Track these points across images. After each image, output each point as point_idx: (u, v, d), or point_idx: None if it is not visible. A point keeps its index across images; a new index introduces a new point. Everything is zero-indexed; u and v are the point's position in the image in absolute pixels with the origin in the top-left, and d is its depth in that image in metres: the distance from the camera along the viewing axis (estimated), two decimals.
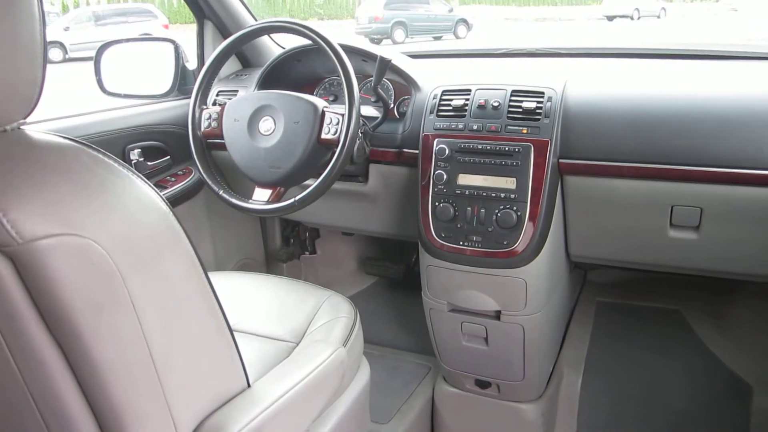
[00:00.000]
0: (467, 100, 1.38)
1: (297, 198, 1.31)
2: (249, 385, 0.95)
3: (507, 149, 1.31)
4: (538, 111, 1.31)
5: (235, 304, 1.32)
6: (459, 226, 1.35)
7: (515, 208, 1.30)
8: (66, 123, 1.52)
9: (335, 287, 1.47)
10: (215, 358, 0.88)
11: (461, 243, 1.35)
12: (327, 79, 1.74)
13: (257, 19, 1.78)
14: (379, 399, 1.65)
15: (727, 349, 1.77)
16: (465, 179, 1.35)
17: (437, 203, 1.36)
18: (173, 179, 1.75)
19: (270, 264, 2.18)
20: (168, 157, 1.74)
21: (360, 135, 1.35)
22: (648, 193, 1.30)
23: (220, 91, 1.73)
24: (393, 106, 1.62)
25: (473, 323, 1.45)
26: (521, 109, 1.32)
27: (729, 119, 1.22)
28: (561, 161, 1.32)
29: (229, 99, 1.50)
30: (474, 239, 1.33)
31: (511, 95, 1.35)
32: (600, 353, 1.79)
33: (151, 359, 0.74)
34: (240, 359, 0.92)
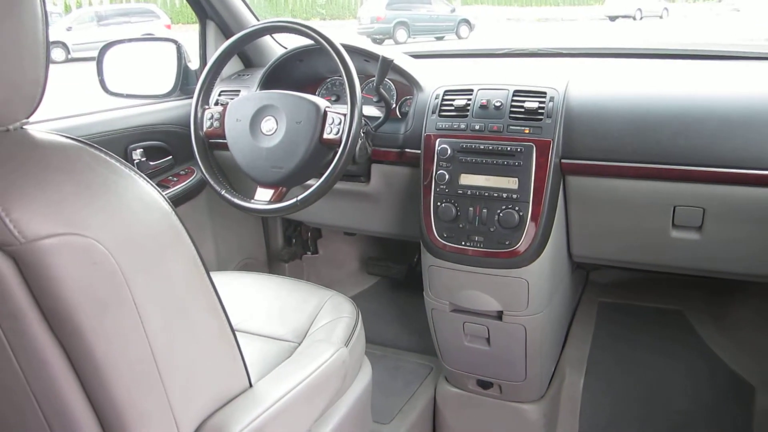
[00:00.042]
0: (469, 100, 1.38)
1: (299, 198, 1.31)
2: (251, 385, 0.95)
3: (509, 149, 1.31)
4: (540, 111, 1.31)
5: (237, 303, 1.32)
6: (461, 226, 1.35)
7: (517, 208, 1.30)
8: (69, 123, 1.52)
9: (337, 287, 1.47)
10: (217, 357, 0.88)
11: (463, 243, 1.35)
12: (329, 79, 1.74)
13: (259, 19, 1.78)
14: (381, 399, 1.65)
15: (730, 350, 1.76)
16: (467, 179, 1.34)
17: (439, 203, 1.36)
18: (175, 179, 1.75)
19: (272, 264, 2.18)
20: (170, 157, 1.75)
21: (362, 135, 1.36)
22: (650, 194, 1.30)
23: (222, 91, 1.73)
24: (395, 106, 1.62)
25: (475, 323, 1.45)
26: (523, 109, 1.32)
27: (731, 119, 1.21)
28: (563, 161, 1.32)
29: (232, 99, 1.50)
30: (476, 239, 1.33)
31: (513, 95, 1.35)
32: (602, 354, 1.78)
33: (153, 359, 0.74)
34: (242, 359, 0.93)
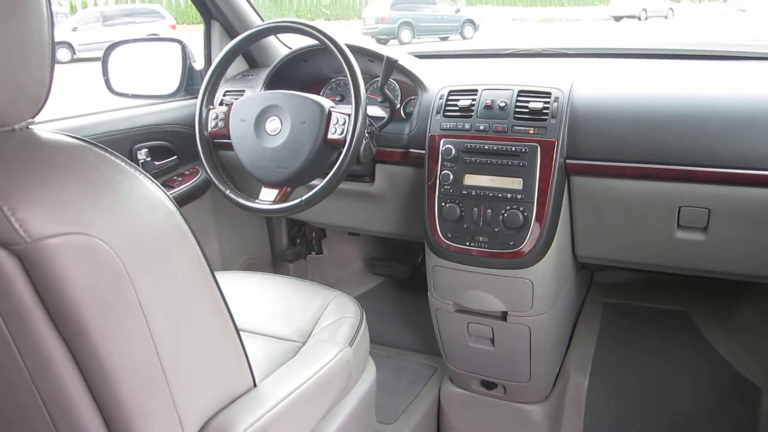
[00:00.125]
0: (474, 100, 1.38)
1: (303, 198, 1.31)
2: (255, 385, 0.95)
3: (513, 149, 1.31)
4: (544, 111, 1.31)
5: (242, 303, 1.32)
6: (465, 226, 1.35)
7: (522, 208, 1.29)
8: (74, 123, 1.53)
9: (341, 287, 1.47)
10: (222, 357, 0.88)
11: (467, 243, 1.34)
12: (334, 80, 1.74)
13: (264, 20, 1.78)
14: (385, 399, 1.65)
15: (735, 351, 1.76)
16: (471, 179, 1.34)
17: (444, 203, 1.36)
18: (180, 179, 1.76)
19: (276, 264, 2.18)
20: (175, 157, 1.75)
21: (366, 135, 1.35)
22: (655, 194, 1.30)
23: (227, 91, 1.73)
24: (399, 106, 1.62)
25: (479, 324, 1.45)
26: (528, 110, 1.32)
27: (737, 120, 1.21)
28: (568, 162, 1.32)
29: (236, 99, 1.51)
30: (480, 240, 1.33)
31: (518, 95, 1.35)
32: (607, 354, 1.78)
33: (158, 358, 0.74)
34: (246, 359, 0.93)
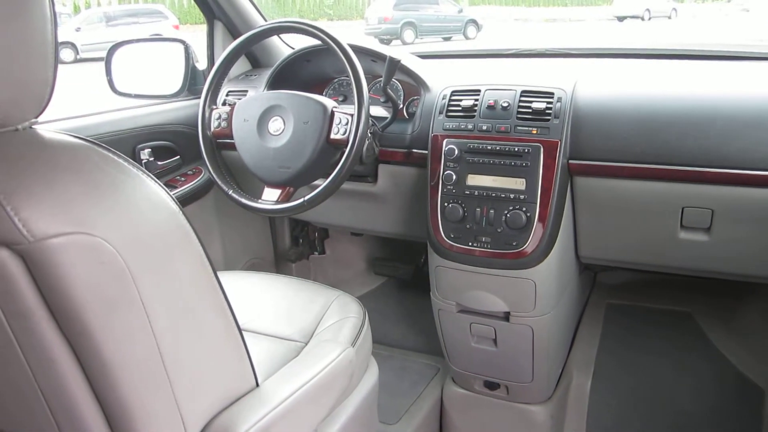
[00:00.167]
0: (476, 100, 1.38)
1: (306, 198, 1.31)
2: (258, 385, 0.95)
3: (516, 150, 1.31)
4: (547, 111, 1.31)
5: (245, 303, 1.32)
6: (468, 226, 1.34)
7: (525, 208, 1.29)
8: (77, 123, 1.53)
9: (344, 287, 1.47)
10: (224, 357, 0.88)
11: (470, 244, 1.34)
12: (336, 80, 1.74)
13: (267, 20, 1.78)
14: (388, 399, 1.65)
15: (739, 352, 1.75)
16: (474, 180, 1.34)
17: (446, 204, 1.36)
18: (183, 179, 1.76)
19: (279, 264, 2.18)
20: (178, 157, 1.75)
21: (369, 135, 1.35)
22: (658, 195, 1.29)
23: (229, 91, 1.73)
24: (402, 106, 1.62)
25: (482, 324, 1.45)
26: (531, 110, 1.32)
27: (740, 120, 1.21)
28: (571, 162, 1.31)
29: (239, 99, 1.51)
30: (483, 240, 1.33)
31: (521, 96, 1.35)
32: (610, 355, 1.78)
33: (161, 358, 0.74)
34: (249, 359, 0.93)
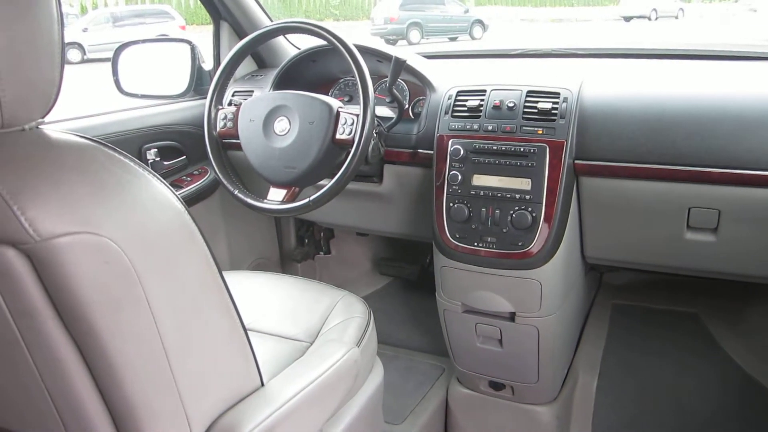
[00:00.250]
0: (482, 100, 1.37)
1: (311, 198, 1.31)
2: (263, 384, 0.95)
3: (522, 150, 1.30)
4: (553, 112, 1.31)
5: (250, 303, 1.32)
6: (473, 226, 1.34)
7: (530, 209, 1.29)
8: (84, 123, 1.53)
9: (349, 287, 1.47)
10: (229, 356, 0.88)
11: (476, 244, 1.34)
12: (342, 80, 1.74)
13: (273, 20, 1.79)
14: (393, 400, 1.65)
15: (745, 353, 1.74)
16: (480, 180, 1.34)
17: (452, 204, 1.36)
18: (189, 179, 1.76)
19: (285, 264, 2.19)
20: (184, 157, 1.75)
21: (375, 135, 1.36)
22: (665, 195, 1.29)
23: (235, 92, 1.74)
24: (408, 106, 1.62)
25: (487, 324, 1.45)
26: (536, 110, 1.32)
27: (747, 120, 1.20)
28: (576, 162, 1.31)
29: (245, 99, 1.51)
30: (488, 240, 1.33)
31: (527, 96, 1.34)
32: (615, 356, 1.77)
33: (166, 357, 0.74)
34: (254, 358, 0.93)
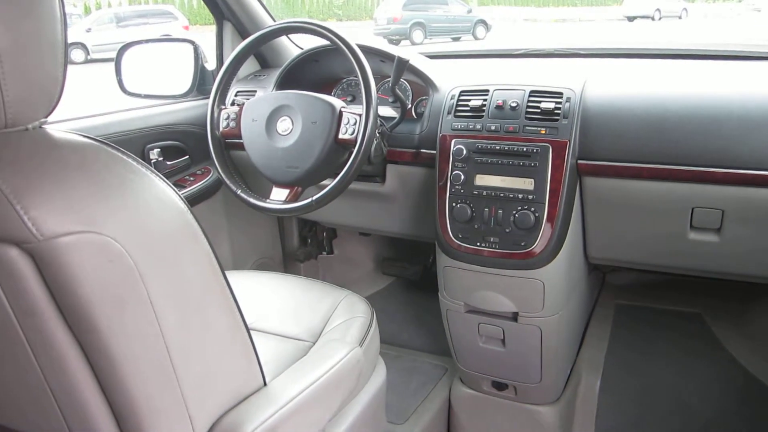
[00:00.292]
0: (485, 100, 1.37)
1: (314, 198, 1.31)
2: (265, 384, 0.96)
3: (525, 150, 1.30)
4: (556, 111, 1.30)
5: (253, 303, 1.32)
6: (476, 226, 1.34)
7: (533, 209, 1.29)
8: (87, 123, 1.54)
9: (352, 287, 1.47)
10: (232, 356, 0.88)
11: (478, 244, 1.34)
12: (345, 80, 1.74)
13: (276, 20, 1.79)
14: (396, 399, 1.65)
15: (748, 354, 1.74)
16: (482, 180, 1.34)
17: (454, 204, 1.36)
18: (192, 179, 1.76)
19: (287, 264, 2.19)
20: (187, 157, 1.76)
21: (377, 135, 1.36)
22: (668, 195, 1.29)
23: (238, 92, 1.74)
24: (411, 106, 1.62)
25: (490, 324, 1.45)
26: (539, 110, 1.32)
27: (750, 120, 1.20)
28: (580, 162, 1.31)
29: (248, 99, 1.51)
30: (491, 240, 1.33)
31: (530, 96, 1.34)
32: (618, 356, 1.77)
33: (168, 356, 0.74)
34: (256, 358, 0.93)
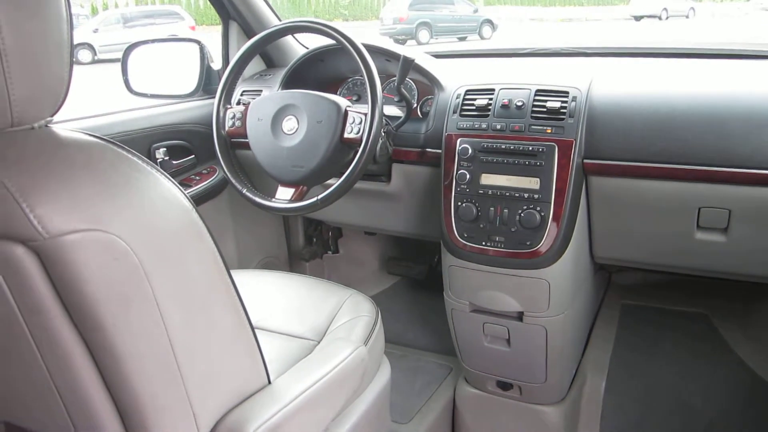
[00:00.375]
0: (491, 99, 1.37)
1: (319, 197, 1.31)
2: (270, 382, 0.96)
3: (531, 149, 1.30)
4: (562, 111, 1.30)
5: (258, 301, 1.33)
6: (482, 226, 1.34)
7: (539, 208, 1.29)
8: (93, 122, 1.54)
9: (357, 287, 1.47)
10: (236, 354, 0.89)
11: (484, 243, 1.34)
12: (350, 79, 1.74)
13: (281, 20, 1.79)
14: (400, 399, 1.65)
15: (755, 355, 1.73)
16: (488, 179, 1.34)
17: (460, 203, 1.36)
18: (198, 178, 1.77)
19: (293, 263, 2.19)
20: (192, 156, 1.76)
21: (383, 134, 1.36)
22: (674, 195, 1.28)
23: (244, 91, 1.74)
24: (416, 105, 1.62)
25: (495, 324, 1.44)
26: (545, 109, 1.31)
27: (758, 119, 1.19)
28: (585, 161, 1.30)
29: (253, 98, 1.51)
30: (497, 239, 1.33)
31: (535, 95, 1.34)
32: (624, 356, 1.76)
33: (173, 354, 0.75)
34: (261, 356, 0.93)
